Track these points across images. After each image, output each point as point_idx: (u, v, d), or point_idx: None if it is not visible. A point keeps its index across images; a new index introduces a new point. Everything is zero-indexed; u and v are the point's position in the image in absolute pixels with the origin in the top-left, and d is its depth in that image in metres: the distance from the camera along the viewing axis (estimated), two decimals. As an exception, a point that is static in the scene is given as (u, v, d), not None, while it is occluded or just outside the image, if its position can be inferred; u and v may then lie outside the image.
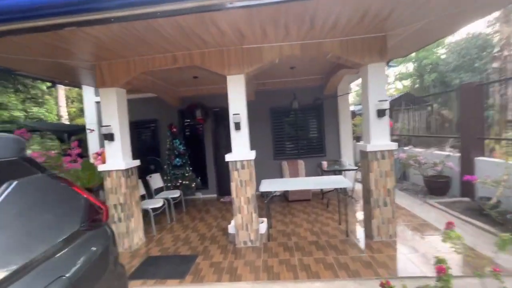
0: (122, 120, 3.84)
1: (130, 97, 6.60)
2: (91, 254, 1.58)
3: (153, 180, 5.25)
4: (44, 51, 3.07)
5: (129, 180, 3.87)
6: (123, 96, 3.90)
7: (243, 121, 3.60)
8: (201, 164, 6.51)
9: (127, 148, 3.93)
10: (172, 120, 6.35)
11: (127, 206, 3.77)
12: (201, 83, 5.73)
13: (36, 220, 1.39)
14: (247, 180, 3.61)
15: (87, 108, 6.72)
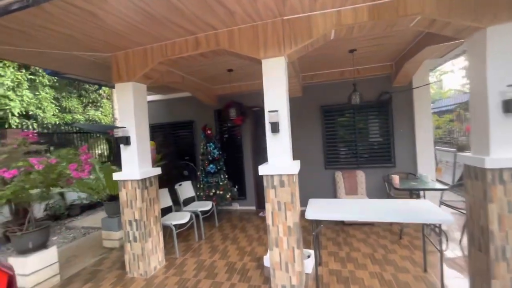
0: (140, 121, 3.24)
1: (167, 97, 6.27)
2: None
3: (183, 189, 4.64)
4: (56, 42, 2.61)
5: (147, 192, 3.24)
6: (141, 92, 3.30)
7: (283, 121, 2.62)
8: (238, 172, 5.72)
9: (145, 153, 3.31)
10: (208, 122, 5.71)
11: (143, 224, 3.14)
12: (237, 78, 4.94)
13: None
14: (288, 203, 2.60)
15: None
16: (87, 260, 3.86)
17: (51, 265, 3.16)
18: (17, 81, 7.48)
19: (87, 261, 3.80)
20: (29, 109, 7.90)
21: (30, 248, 3.01)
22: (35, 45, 2.69)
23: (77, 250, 4.30)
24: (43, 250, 3.10)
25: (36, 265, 3.01)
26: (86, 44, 2.80)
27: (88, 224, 5.74)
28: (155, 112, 6.28)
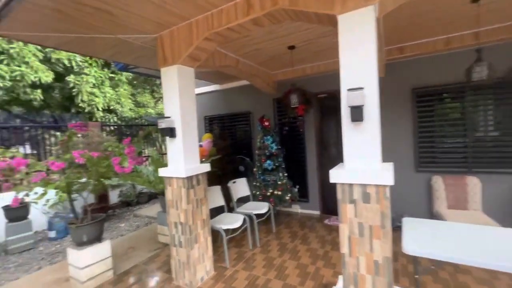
0: (186, 110, 2.81)
1: (225, 87, 5.89)
2: None
3: (237, 187, 4.16)
4: (98, 23, 2.36)
5: (193, 192, 2.81)
6: (188, 77, 2.86)
7: (370, 104, 1.75)
8: (299, 170, 4.94)
9: (192, 148, 2.88)
10: (266, 112, 5.09)
11: (188, 228, 2.74)
12: (300, 59, 4.12)
13: None
14: (376, 227, 1.74)
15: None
16: (142, 254, 3.77)
17: (104, 259, 3.08)
18: (100, 79, 8.35)
19: (141, 256, 3.69)
20: (110, 104, 8.78)
21: (85, 241, 2.96)
22: (78, 29, 2.49)
23: (136, 241, 4.32)
24: (97, 244, 3.03)
25: (90, 258, 2.94)
26: (129, 23, 2.46)
27: (152, 213, 5.91)
28: (213, 103, 6.00)
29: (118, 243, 4.28)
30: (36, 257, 4.07)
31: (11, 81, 6.13)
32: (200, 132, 6.20)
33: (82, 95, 7.75)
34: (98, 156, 2.60)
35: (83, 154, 2.51)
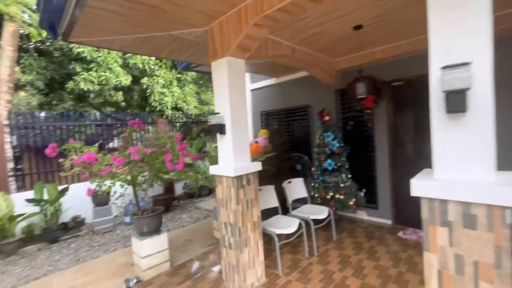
0: (236, 105, 2.63)
1: (282, 80, 5.57)
2: None
3: (292, 188, 3.84)
4: (147, 19, 2.39)
5: (243, 192, 2.64)
6: (238, 69, 2.67)
7: (481, 87, 1.20)
8: (366, 171, 4.29)
9: (242, 145, 2.70)
10: (326, 105, 4.58)
11: (238, 230, 2.58)
12: (369, 41, 3.49)
13: None
14: (486, 264, 1.19)
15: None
16: (197, 248, 3.84)
17: (162, 251, 3.21)
18: (168, 80, 9.12)
19: (197, 250, 3.77)
20: (177, 103, 9.52)
21: (145, 232, 3.14)
22: (136, 29, 2.56)
23: (193, 234, 4.47)
24: (156, 236, 3.18)
25: (149, 249, 3.10)
26: (180, 17, 2.41)
27: (210, 207, 6.11)
28: (269, 98, 5.78)
29: (178, 234, 4.51)
30: (114, 239, 4.62)
31: (99, 85, 7.22)
32: (256, 128, 6.08)
33: (154, 95, 8.59)
34: (153, 152, 2.67)
35: (138, 151, 2.61)
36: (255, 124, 6.14)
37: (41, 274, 3.49)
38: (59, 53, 7.37)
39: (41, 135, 5.45)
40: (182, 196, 7.08)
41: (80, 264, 3.70)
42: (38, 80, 7.53)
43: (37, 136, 5.44)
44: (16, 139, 5.86)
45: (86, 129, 6.18)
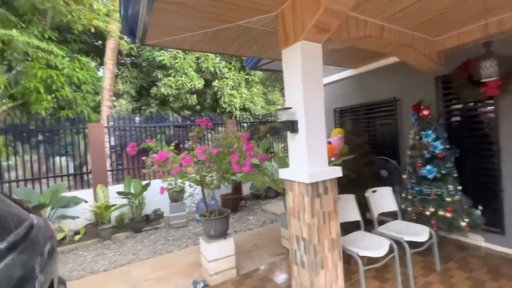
0: (312, 98, 2.21)
1: (360, 71, 4.79)
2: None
3: (378, 198, 3.16)
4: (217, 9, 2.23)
5: (319, 202, 2.19)
6: (314, 56, 2.24)
7: None
8: (485, 182, 3.21)
9: (319, 146, 2.26)
10: (422, 97, 3.66)
11: (312, 248, 2.15)
12: (493, 6, 2.52)
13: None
14: None
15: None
16: (264, 256, 3.57)
17: (228, 256, 3.05)
18: (237, 81, 9.30)
19: (263, 259, 3.50)
20: (245, 104, 9.64)
21: (213, 235, 3.03)
22: (204, 22, 2.43)
23: (260, 239, 4.23)
24: (223, 240, 3.03)
25: (216, 253, 2.97)
26: (248, 2, 2.15)
27: (277, 210, 5.81)
28: (344, 93, 5.10)
29: (245, 238, 4.35)
30: (186, 235, 4.81)
31: (176, 89, 7.86)
32: (328, 127, 5.48)
33: (224, 97, 8.88)
34: (220, 152, 2.51)
35: (205, 151, 2.48)
36: (327, 123, 5.53)
37: (126, 262, 3.81)
38: (146, 63, 8.39)
39: (132, 136, 6.20)
40: (249, 197, 7.02)
41: (157, 257, 3.91)
42: (131, 89, 8.76)
43: (129, 137, 6.21)
44: (114, 139, 6.83)
45: (166, 130, 6.75)
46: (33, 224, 1.32)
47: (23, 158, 5.12)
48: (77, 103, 7.20)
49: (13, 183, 4.99)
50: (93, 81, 7.61)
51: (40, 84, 6.58)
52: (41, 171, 5.51)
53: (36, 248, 1.16)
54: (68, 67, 6.93)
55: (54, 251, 1.35)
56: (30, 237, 1.19)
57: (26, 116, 6.97)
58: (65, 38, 7.75)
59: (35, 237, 1.23)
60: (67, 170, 5.81)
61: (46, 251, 1.27)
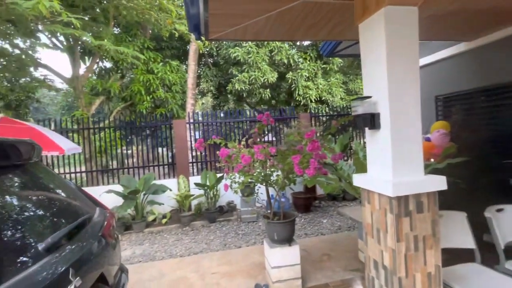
0: (401, 82, 1.65)
1: (474, 45, 3.56)
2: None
3: (505, 220, 2.22)
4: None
5: (409, 222, 1.63)
6: (406, 24, 1.65)
7: None
8: None
9: (411, 146, 1.68)
10: None
11: (398, 281, 1.63)
12: None
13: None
14: None
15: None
16: (336, 270, 3.12)
17: (293, 265, 2.76)
18: (313, 71, 8.69)
19: (335, 272, 3.05)
20: (322, 95, 8.94)
21: (276, 240, 2.80)
22: (259, 6, 2.16)
23: (333, 248, 3.76)
24: (287, 246, 2.77)
25: (279, 260, 2.73)
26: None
27: (356, 216, 5.10)
28: (450, 75, 3.94)
29: (315, 244, 3.96)
30: (255, 231, 4.77)
31: (250, 84, 7.94)
32: (425, 120, 4.37)
33: (298, 89, 8.46)
34: (280, 151, 2.23)
35: (262, 150, 2.24)
36: (425, 115, 4.43)
37: (198, 250, 4.05)
38: (223, 61, 8.82)
39: (212, 131, 6.63)
40: (324, 197, 6.48)
41: (226, 250, 4.00)
42: (212, 87, 9.42)
43: (210, 131, 6.66)
44: (199, 134, 7.46)
45: (242, 124, 6.92)
46: (91, 218, 1.38)
47: (126, 151, 6.17)
48: (169, 102, 8.22)
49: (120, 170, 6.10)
50: (181, 82, 8.53)
51: (142, 87, 7.80)
52: (140, 160, 6.54)
53: (85, 244, 1.17)
54: (161, 71, 7.96)
55: (110, 244, 1.39)
56: (83, 232, 1.23)
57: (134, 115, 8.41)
58: (160, 46, 8.93)
59: (88, 232, 1.27)
60: (159, 161, 6.72)
61: (99, 245, 1.29)
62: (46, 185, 1.40)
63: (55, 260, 0.94)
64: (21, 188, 1.25)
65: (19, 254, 0.88)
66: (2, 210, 1.00)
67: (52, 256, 0.94)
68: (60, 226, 1.13)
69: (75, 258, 1.03)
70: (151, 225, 5.11)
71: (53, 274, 0.88)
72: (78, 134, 6.26)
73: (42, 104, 15.60)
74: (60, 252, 1.00)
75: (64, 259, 0.98)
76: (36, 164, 1.44)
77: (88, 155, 6.38)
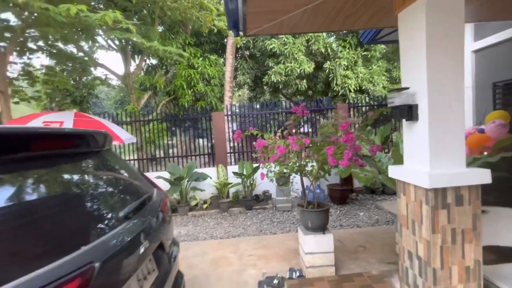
0: (442, 74, 1.61)
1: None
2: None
3: None
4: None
5: (446, 215, 1.62)
6: (449, 9, 1.58)
7: None
8: None
9: (450, 138, 1.64)
10: None
11: (432, 272, 1.64)
12: None
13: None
14: None
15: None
16: (371, 261, 3.13)
17: (325, 253, 2.86)
18: (353, 60, 8.31)
19: (370, 264, 3.07)
20: (362, 85, 8.54)
21: (309, 227, 2.91)
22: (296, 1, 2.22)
23: (369, 240, 3.73)
24: (320, 234, 2.86)
25: (312, 247, 2.85)
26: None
27: (396, 210, 4.92)
28: None
29: (350, 235, 3.96)
30: (290, 220, 4.92)
31: (286, 76, 7.92)
32: (480, 110, 3.96)
33: (336, 79, 8.20)
34: (314, 142, 2.29)
35: (297, 141, 2.33)
36: (479, 103, 4.04)
37: (236, 234, 4.34)
38: (259, 53, 8.89)
39: (249, 122, 6.87)
40: (361, 190, 6.32)
41: (262, 235, 4.23)
42: (248, 79, 9.61)
43: (247, 123, 6.91)
44: (236, 125, 7.77)
45: (278, 116, 7.02)
46: (151, 196, 1.65)
47: (171, 141, 6.72)
48: (208, 95, 8.65)
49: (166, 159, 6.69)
50: (219, 75, 8.87)
51: (184, 81, 8.32)
52: (185, 150, 7.08)
53: (149, 216, 1.44)
54: (201, 66, 8.37)
55: (166, 219, 1.66)
56: (147, 207, 1.50)
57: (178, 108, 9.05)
58: (200, 42, 9.36)
59: (151, 207, 1.54)
60: (200, 150, 7.20)
61: (158, 218, 1.56)
62: (116, 168, 1.71)
63: (131, 225, 1.20)
64: (99, 169, 1.56)
65: (108, 218, 1.16)
66: (91, 185, 1.29)
67: (129, 222, 1.21)
68: (129, 200, 1.40)
69: (143, 226, 1.29)
70: (194, 209, 5.58)
71: (131, 235, 1.14)
72: (130, 126, 6.99)
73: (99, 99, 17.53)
74: (133, 220, 1.26)
75: (136, 226, 1.25)
76: (108, 151, 1.76)
77: (139, 144, 7.10)
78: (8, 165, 0.92)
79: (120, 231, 1.10)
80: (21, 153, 0.98)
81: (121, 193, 1.50)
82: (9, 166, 0.92)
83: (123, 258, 1.05)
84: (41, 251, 0.81)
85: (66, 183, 1.17)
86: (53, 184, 1.08)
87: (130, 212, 1.25)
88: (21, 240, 0.78)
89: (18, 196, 0.90)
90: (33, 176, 1.01)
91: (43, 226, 0.87)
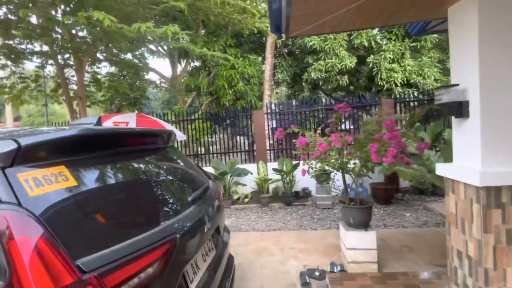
0: (496, 67, 1.56)
1: None
2: None
3: None
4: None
5: (501, 214, 1.57)
6: (504, 7, 1.51)
7: None
8: None
9: (504, 134, 1.57)
10: None
11: (483, 272, 1.61)
12: None
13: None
14: None
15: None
16: (418, 262, 3.04)
17: (367, 249, 2.87)
18: (400, 52, 7.81)
19: (416, 264, 2.99)
20: (410, 78, 7.99)
21: (351, 224, 2.95)
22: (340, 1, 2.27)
23: (416, 241, 3.60)
24: (362, 231, 2.88)
25: (354, 243, 2.88)
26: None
27: (447, 212, 4.60)
28: None
29: (394, 235, 3.85)
30: (330, 217, 4.93)
31: (326, 72, 7.79)
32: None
33: (381, 73, 7.81)
34: (357, 139, 2.33)
35: (339, 138, 2.38)
36: None
37: (277, 228, 4.53)
38: (299, 50, 8.88)
39: (288, 120, 6.99)
40: (408, 190, 6.00)
41: (302, 230, 4.34)
42: (287, 76, 9.68)
43: (286, 120, 7.04)
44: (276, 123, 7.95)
45: (317, 113, 7.01)
46: (209, 186, 1.91)
47: (214, 138, 7.16)
48: (248, 94, 8.96)
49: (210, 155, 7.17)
50: (258, 74, 9.11)
51: (225, 82, 8.75)
52: (225, 147, 7.49)
53: (209, 203, 1.69)
54: (241, 66, 8.70)
55: (220, 207, 1.91)
56: (206, 195, 1.75)
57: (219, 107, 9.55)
58: (240, 42, 9.70)
59: (209, 195, 1.79)
60: (240, 147, 7.54)
61: (215, 206, 1.81)
62: (179, 162, 2.01)
63: (197, 208, 1.46)
64: (169, 162, 1.87)
65: (182, 201, 1.43)
66: (166, 174, 1.59)
67: (196, 206, 1.46)
68: (192, 188, 1.67)
69: (205, 210, 1.54)
70: (236, 203, 5.92)
71: (198, 215, 1.39)
72: (177, 124, 7.63)
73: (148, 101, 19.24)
74: (198, 205, 1.51)
75: (201, 209, 1.50)
76: (172, 147, 2.07)
77: (186, 141, 7.71)
78: (115, 156, 1.22)
79: (190, 212, 1.36)
80: (122, 147, 1.28)
81: (187, 182, 1.78)
82: (116, 157, 1.22)
83: (194, 234, 1.30)
84: (144, 220, 1.09)
85: (151, 172, 1.47)
86: (143, 172, 1.38)
87: (196, 198, 1.50)
88: (131, 212, 1.06)
89: (124, 179, 1.21)
90: (131, 165, 1.31)
91: (141, 203, 1.15)
